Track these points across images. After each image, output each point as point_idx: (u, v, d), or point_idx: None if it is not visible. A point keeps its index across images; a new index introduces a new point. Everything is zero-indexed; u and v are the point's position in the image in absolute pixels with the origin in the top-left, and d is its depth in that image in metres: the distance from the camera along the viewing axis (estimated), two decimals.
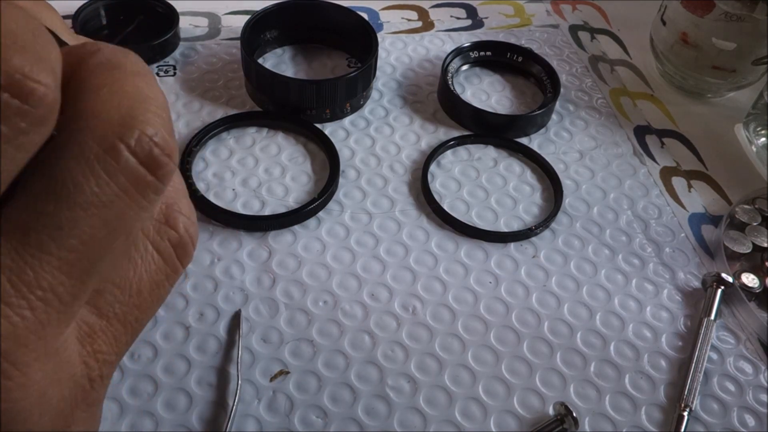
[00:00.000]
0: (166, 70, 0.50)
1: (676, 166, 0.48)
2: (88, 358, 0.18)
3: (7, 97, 0.13)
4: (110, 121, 0.15)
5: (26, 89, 0.14)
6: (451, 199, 0.43)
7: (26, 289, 0.14)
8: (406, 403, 0.34)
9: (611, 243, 0.42)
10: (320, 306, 0.37)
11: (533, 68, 0.52)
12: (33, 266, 0.15)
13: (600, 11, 0.62)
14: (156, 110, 0.16)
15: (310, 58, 0.52)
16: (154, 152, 0.16)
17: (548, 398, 0.35)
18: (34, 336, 0.15)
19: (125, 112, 0.16)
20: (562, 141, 0.48)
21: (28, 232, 0.15)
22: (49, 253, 0.15)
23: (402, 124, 0.48)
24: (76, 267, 0.15)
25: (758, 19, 0.46)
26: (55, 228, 0.15)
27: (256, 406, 0.33)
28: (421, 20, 0.58)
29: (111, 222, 0.16)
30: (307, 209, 0.41)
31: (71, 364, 0.17)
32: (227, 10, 0.57)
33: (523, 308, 0.38)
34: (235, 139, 0.46)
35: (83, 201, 0.15)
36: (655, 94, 0.54)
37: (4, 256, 0.14)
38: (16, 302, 0.14)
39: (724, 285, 0.39)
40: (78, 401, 0.17)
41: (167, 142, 0.16)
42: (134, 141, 0.16)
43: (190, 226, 0.20)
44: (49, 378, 0.16)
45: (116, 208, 0.16)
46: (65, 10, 0.51)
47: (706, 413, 0.35)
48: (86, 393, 0.18)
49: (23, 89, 0.14)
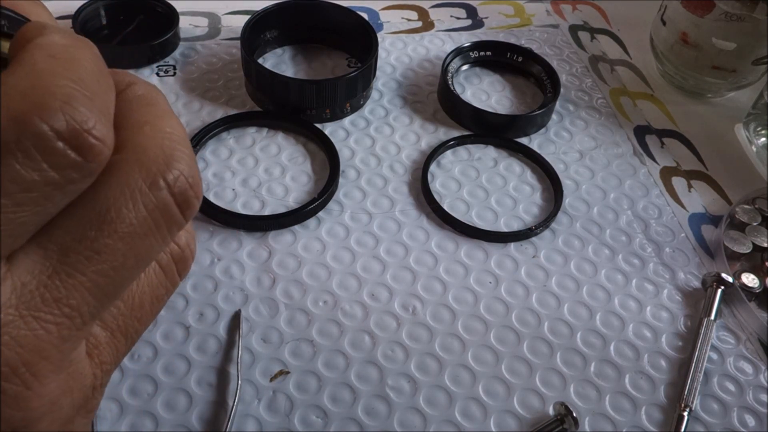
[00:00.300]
0: (166, 70, 0.50)
1: (676, 166, 0.48)
2: (95, 368, 0.18)
3: (65, 148, 0.14)
4: (155, 159, 0.16)
5: (86, 144, 0.14)
6: (451, 199, 0.43)
7: (55, 305, 0.15)
8: (406, 403, 0.34)
9: (611, 243, 0.42)
10: (320, 306, 0.37)
11: (533, 68, 0.52)
12: (66, 285, 0.15)
13: (600, 11, 0.62)
14: (190, 152, 0.17)
15: (310, 58, 0.52)
16: (188, 192, 0.17)
17: (548, 398, 0.34)
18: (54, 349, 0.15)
19: (168, 152, 0.17)
20: (562, 141, 0.48)
21: (68, 252, 0.15)
22: (83, 274, 0.16)
23: (402, 124, 0.48)
24: (102, 290, 0.16)
25: (758, 19, 0.46)
26: (94, 252, 0.16)
27: (256, 406, 0.33)
28: (421, 20, 0.58)
29: (140, 252, 0.17)
30: (307, 209, 0.41)
31: (82, 375, 0.17)
32: (227, 10, 0.57)
33: (523, 308, 0.38)
34: (235, 139, 0.46)
35: (122, 230, 0.16)
36: (655, 94, 0.54)
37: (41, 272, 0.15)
38: (44, 316, 0.15)
39: (724, 285, 0.39)
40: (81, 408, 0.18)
41: (198, 184, 0.17)
42: (173, 179, 0.16)
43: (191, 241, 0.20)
44: (61, 388, 0.16)
45: (147, 240, 0.16)
46: (65, 10, 0.51)
47: (706, 413, 0.35)
48: (88, 401, 0.18)
49: (83, 143, 0.14)
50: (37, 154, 0.14)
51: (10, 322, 0.15)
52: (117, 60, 0.49)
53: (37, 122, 0.14)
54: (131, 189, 0.16)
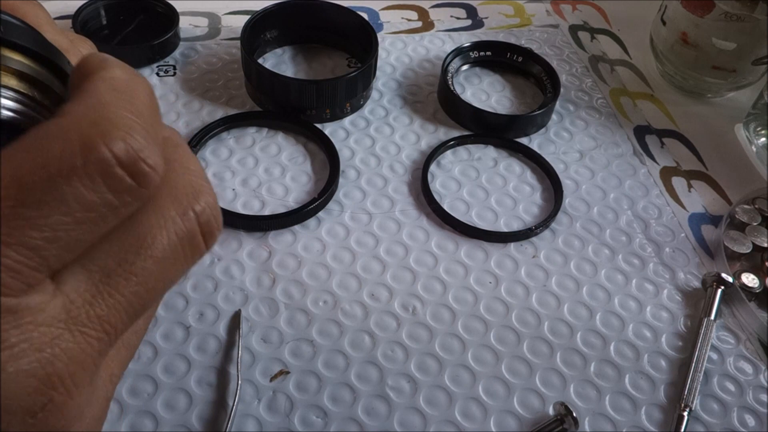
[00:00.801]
0: (166, 70, 0.50)
1: (676, 166, 0.48)
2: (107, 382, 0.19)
3: (123, 173, 0.16)
4: (185, 192, 0.18)
5: (141, 172, 0.16)
6: (451, 199, 0.43)
7: (98, 322, 0.17)
8: (406, 403, 0.34)
9: (611, 243, 0.42)
10: (320, 306, 0.37)
11: (533, 68, 0.52)
12: (107, 303, 0.17)
13: (600, 11, 0.62)
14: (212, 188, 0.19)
15: (310, 58, 0.52)
16: (212, 223, 0.19)
17: (548, 398, 0.34)
18: (92, 363, 0.17)
19: (196, 187, 0.19)
20: (562, 141, 0.48)
21: (110, 275, 0.17)
22: (122, 294, 0.17)
23: (402, 124, 0.48)
24: (135, 309, 0.18)
25: (758, 19, 0.46)
26: (132, 274, 0.17)
27: (256, 406, 0.33)
28: (421, 20, 0.58)
29: (168, 276, 0.18)
30: (307, 209, 0.41)
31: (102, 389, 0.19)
32: (227, 10, 0.57)
33: (523, 308, 0.38)
34: (235, 139, 0.46)
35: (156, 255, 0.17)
36: (655, 94, 0.54)
37: (86, 290, 0.17)
38: (88, 332, 0.17)
39: (724, 285, 0.39)
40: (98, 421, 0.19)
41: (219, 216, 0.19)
42: (200, 210, 0.18)
43: None
44: (87, 400, 0.17)
45: (176, 266, 0.18)
46: (65, 10, 0.51)
47: (706, 413, 0.35)
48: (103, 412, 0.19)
49: (140, 170, 0.16)
50: (99, 178, 0.15)
51: (60, 336, 0.16)
52: None
53: (102, 149, 0.15)
54: (165, 218, 0.18)
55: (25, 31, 0.19)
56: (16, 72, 0.18)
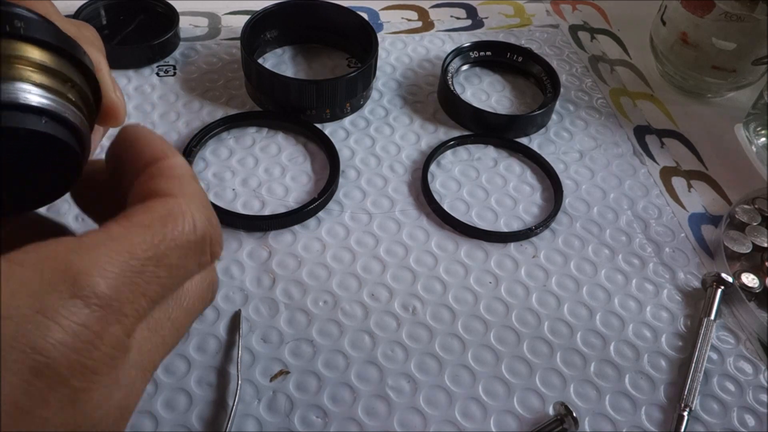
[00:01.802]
0: (166, 70, 0.50)
1: (676, 166, 0.48)
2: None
3: (208, 260, 0.22)
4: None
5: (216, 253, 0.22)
6: (451, 199, 0.43)
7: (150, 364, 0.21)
8: (406, 403, 0.34)
9: (611, 243, 0.42)
10: (320, 306, 0.37)
11: (533, 68, 0.52)
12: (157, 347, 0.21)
13: (600, 11, 0.62)
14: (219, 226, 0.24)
15: (310, 58, 0.52)
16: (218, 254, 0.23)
17: (548, 398, 0.34)
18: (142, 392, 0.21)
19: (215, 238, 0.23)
20: (562, 141, 0.48)
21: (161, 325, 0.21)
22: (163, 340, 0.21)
23: (402, 124, 0.48)
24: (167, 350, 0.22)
25: (758, 19, 0.46)
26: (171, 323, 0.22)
27: (256, 406, 0.33)
28: (421, 20, 0.58)
29: (193, 318, 0.23)
30: (307, 209, 0.41)
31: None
32: (227, 10, 0.57)
33: (523, 308, 0.38)
34: (235, 139, 0.46)
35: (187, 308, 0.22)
36: (655, 94, 0.54)
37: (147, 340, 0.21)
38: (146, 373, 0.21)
39: (724, 285, 0.39)
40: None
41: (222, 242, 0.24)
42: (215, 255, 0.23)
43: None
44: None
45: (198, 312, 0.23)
46: (65, 10, 0.51)
47: (706, 413, 0.35)
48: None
49: (215, 253, 0.22)
50: (198, 255, 0.21)
51: (135, 376, 0.20)
52: (117, 60, 0.49)
53: (207, 239, 0.21)
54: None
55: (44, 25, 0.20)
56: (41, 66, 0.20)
